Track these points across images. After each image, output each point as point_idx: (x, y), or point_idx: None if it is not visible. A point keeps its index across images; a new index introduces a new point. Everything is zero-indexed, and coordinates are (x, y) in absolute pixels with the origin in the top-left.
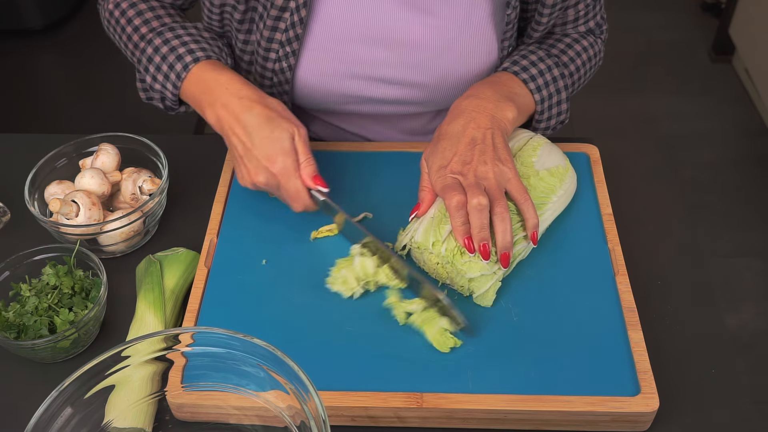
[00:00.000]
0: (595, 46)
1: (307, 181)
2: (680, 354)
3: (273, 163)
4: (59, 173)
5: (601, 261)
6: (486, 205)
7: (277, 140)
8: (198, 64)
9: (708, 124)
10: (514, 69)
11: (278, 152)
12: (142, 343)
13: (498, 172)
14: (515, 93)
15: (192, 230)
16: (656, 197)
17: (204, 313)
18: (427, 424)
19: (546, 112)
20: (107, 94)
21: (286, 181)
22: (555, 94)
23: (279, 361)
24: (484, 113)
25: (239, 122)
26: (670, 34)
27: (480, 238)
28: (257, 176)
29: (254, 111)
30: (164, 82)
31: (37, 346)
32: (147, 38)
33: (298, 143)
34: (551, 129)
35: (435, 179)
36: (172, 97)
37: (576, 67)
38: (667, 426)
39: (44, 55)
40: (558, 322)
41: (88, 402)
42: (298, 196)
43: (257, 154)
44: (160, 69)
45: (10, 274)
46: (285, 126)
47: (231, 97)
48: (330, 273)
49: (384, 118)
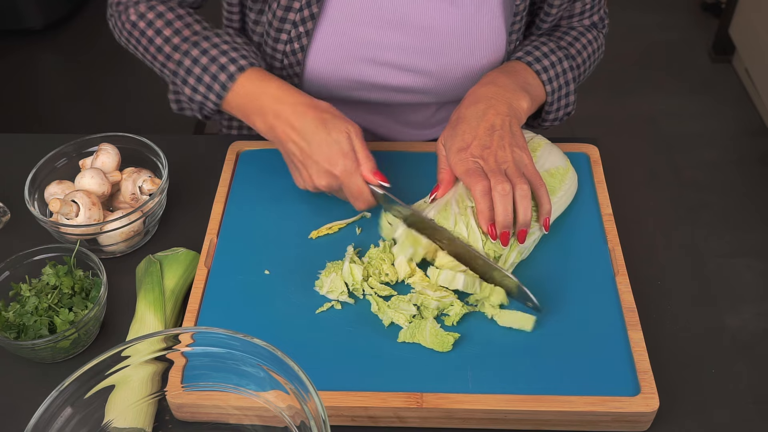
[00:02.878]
0: (598, 39)
1: (368, 178)
2: (680, 354)
3: (334, 165)
4: (59, 173)
5: (601, 261)
6: (510, 191)
7: (335, 142)
8: (243, 74)
9: (708, 124)
10: (527, 59)
11: (338, 154)
12: (142, 343)
13: (516, 157)
14: (529, 83)
15: (192, 230)
16: (656, 197)
17: (204, 313)
18: (427, 424)
19: (555, 103)
20: (107, 94)
21: (349, 181)
22: (564, 85)
23: (279, 361)
24: (503, 101)
25: (295, 129)
26: (670, 34)
27: (504, 225)
28: (319, 180)
29: (308, 116)
30: (206, 93)
31: (37, 346)
32: (182, 49)
33: (355, 142)
34: (558, 120)
35: (455, 161)
36: (213, 108)
37: (582, 60)
38: (667, 426)
39: (44, 55)
40: (558, 322)
41: (88, 402)
42: (361, 194)
43: (317, 159)
44: (202, 80)
45: (10, 274)
46: (341, 127)
47: (282, 105)
48: (318, 276)
49: (388, 109)
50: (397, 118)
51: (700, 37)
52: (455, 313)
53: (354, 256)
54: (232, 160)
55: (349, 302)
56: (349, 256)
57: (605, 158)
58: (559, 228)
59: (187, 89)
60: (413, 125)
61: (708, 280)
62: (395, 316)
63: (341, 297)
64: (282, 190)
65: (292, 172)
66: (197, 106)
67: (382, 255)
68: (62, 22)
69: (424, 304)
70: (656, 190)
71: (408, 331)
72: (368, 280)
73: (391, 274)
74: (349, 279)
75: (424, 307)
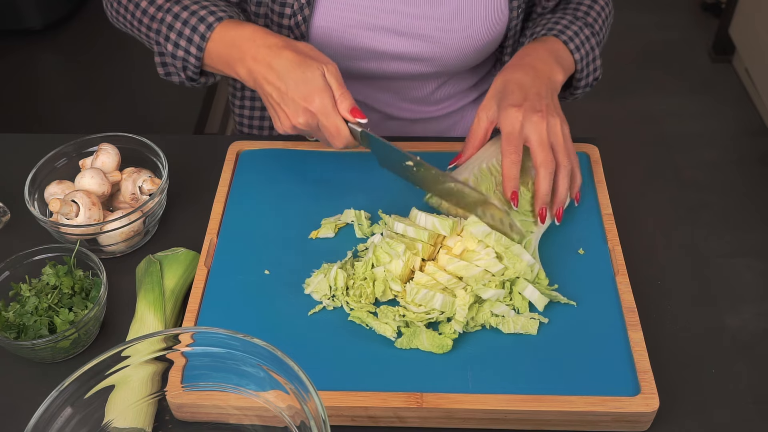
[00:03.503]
0: (609, 4)
1: (345, 115)
2: (680, 354)
3: (311, 102)
4: (59, 173)
5: (601, 261)
6: (554, 171)
7: (310, 80)
8: (221, 24)
9: (708, 124)
10: (553, 33)
11: (314, 91)
12: (142, 343)
13: (565, 131)
14: (560, 56)
15: (192, 230)
16: (656, 197)
17: (204, 313)
18: (427, 424)
19: (585, 69)
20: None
21: (326, 118)
22: (590, 51)
23: (279, 361)
24: (543, 74)
25: (271, 69)
26: (670, 34)
27: (545, 201)
28: (296, 118)
29: (284, 56)
30: (187, 46)
31: (37, 346)
32: (165, 8)
33: (330, 80)
34: (589, 86)
35: (505, 116)
36: (195, 63)
37: (600, 27)
38: (667, 426)
39: (44, 55)
40: (558, 321)
41: (88, 402)
42: (339, 132)
43: (294, 96)
44: (182, 34)
45: (10, 274)
46: (314, 65)
47: (259, 48)
48: (311, 275)
49: (389, 83)
50: (398, 93)
51: (700, 37)
52: (448, 333)
53: (348, 263)
54: (232, 160)
55: (334, 305)
56: (343, 261)
57: (605, 158)
58: (559, 228)
59: (170, 45)
60: (415, 101)
61: (708, 280)
62: (381, 328)
63: (324, 299)
64: (282, 190)
65: (272, 116)
66: (180, 63)
67: (365, 274)
68: (62, 22)
69: (409, 318)
70: (656, 190)
71: (405, 338)
72: (348, 293)
73: (371, 296)
74: (333, 283)
75: (411, 322)
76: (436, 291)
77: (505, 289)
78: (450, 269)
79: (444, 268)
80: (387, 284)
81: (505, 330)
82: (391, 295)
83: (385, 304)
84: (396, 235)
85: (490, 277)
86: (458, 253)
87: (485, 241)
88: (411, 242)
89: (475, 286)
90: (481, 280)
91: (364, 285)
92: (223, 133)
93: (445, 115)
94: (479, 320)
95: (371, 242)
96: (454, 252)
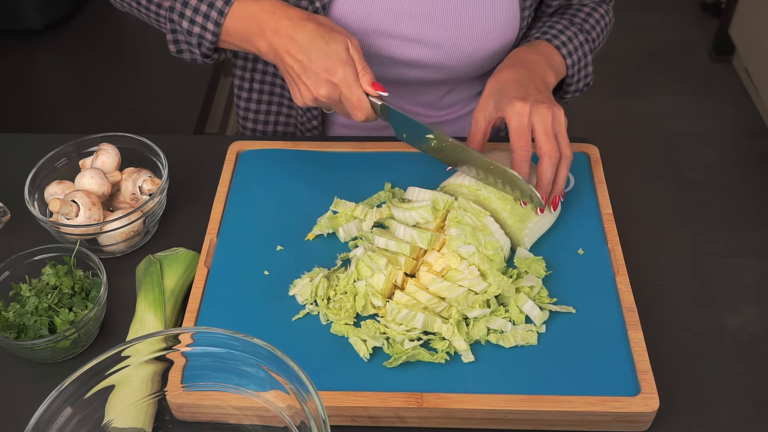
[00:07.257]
0: (609, 13)
1: (366, 88)
2: (680, 354)
3: (334, 74)
4: (59, 173)
5: (601, 261)
6: (557, 160)
7: (333, 52)
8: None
9: (708, 124)
10: (546, 37)
11: (337, 63)
12: (142, 343)
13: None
14: (552, 59)
15: (192, 230)
16: (656, 197)
17: (204, 313)
18: (427, 424)
19: (576, 75)
20: (107, 94)
21: (348, 90)
22: (583, 57)
23: (279, 361)
24: (538, 75)
25: (293, 41)
26: (670, 34)
27: (547, 190)
28: (318, 89)
29: (306, 28)
30: (204, 22)
31: (37, 346)
32: None
33: (353, 53)
34: (579, 92)
35: (511, 110)
36: (212, 38)
37: (596, 34)
38: (667, 426)
39: (44, 55)
40: (558, 322)
41: (88, 402)
42: (361, 104)
43: (316, 69)
44: (199, 10)
45: (10, 274)
46: (339, 38)
47: (280, 20)
48: (300, 276)
49: (399, 87)
50: (407, 98)
51: (700, 37)
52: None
53: (336, 272)
54: (232, 160)
55: (318, 310)
56: (331, 270)
57: (605, 158)
58: (559, 228)
59: (185, 22)
60: (423, 105)
61: (708, 280)
62: (357, 344)
63: (306, 304)
64: (282, 190)
65: (292, 89)
66: (196, 39)
67: (347, 287)
68: (62, 22)
69: (390, 334)
70: (656, 190)
71: (394, 360)
72: (329, 305)
73: (351, 310)
74: (314, 291)
75: (393, 340)
76: (417, 311)
77: (491, 307)
78: (433, 290)
79: (426, 288)
80: (368, 299)
81: (506, 345)
82: (373, 310)
83: (368, 319)
84: (378, 249)
85: (473, 296)
86: (439, 270)
87: (469, 259)
88: (393, 256)
89: (459, 307)
90: (464, 301)
91: (344, 299)
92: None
93: (453, 119)
94: (474, 336)
95: (354, 255)
96: (435, 269)
